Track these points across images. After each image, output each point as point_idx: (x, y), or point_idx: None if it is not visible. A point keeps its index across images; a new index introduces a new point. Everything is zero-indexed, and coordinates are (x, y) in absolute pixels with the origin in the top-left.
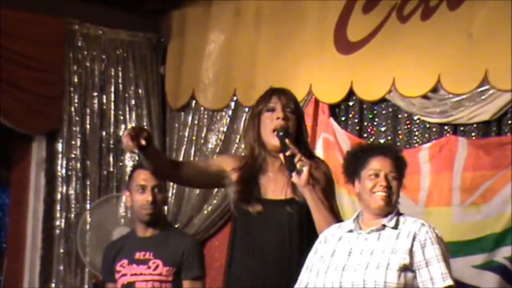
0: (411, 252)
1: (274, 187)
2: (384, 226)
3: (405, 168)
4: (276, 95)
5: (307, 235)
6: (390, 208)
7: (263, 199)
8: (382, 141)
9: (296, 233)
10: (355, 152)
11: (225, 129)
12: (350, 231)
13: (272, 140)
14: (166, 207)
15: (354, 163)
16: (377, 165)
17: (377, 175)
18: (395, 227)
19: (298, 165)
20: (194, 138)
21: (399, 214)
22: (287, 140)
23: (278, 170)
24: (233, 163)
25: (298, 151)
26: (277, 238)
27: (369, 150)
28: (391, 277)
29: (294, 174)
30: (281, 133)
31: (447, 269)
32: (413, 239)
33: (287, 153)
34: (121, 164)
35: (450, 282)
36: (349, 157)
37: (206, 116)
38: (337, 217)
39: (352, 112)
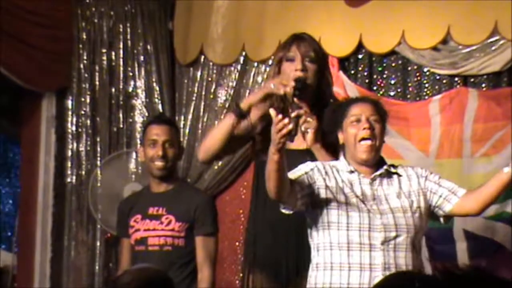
0: (423, 190)
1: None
2: (387, 171)
3: (386, 115)
4: (295, 43)
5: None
6: (377, 155)
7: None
8: (392, 93)
9: None
10: (334, 107)
11: (234, 84)
12: (352, 172)
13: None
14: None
15: (335, 116)
16: (358, 110)
17: (358, 120)
18: (396, 172)
19: (303, 127)
20: (203, 93)
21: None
22: (295, 99)
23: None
24: (257, 113)
25: (304, 112)
26: None
27: (347, 101)
28: (419, 220)
29: (298, 135)
30: (297, 85)
31: None
32: (418, 178)
33: (292, 115)
34: (130, 120)
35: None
36: (329, 113)
37: (215, 71)
38: None
39: (362, 65)
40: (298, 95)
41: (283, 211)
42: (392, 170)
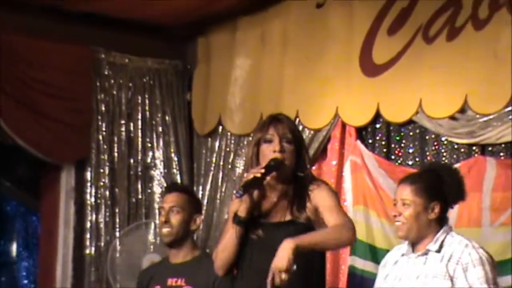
0: (452, 277)
1: (275, 211)
2: (428, 250)
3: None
4: (273, 125)
5: (303, 256)
6: (408, 235)
7: (263, 223)
8: (410, 162)
9: None
10: None
11: None
12: (403, 255)
13: None
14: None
15: None
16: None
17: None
18: (439, 250)
19: None
20: (221, 163)
21: (448, 233)
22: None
23: (279, 194)
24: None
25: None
26: (271, 260)
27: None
28: None
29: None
30: (272, 163)
31: None
32: (456, 263)
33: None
34: (149, 191)
35: None
36: None
37: (233, 141)
38: None
39: (379, 135)
40: (274, 169)
41: None
42: (433, 249)
